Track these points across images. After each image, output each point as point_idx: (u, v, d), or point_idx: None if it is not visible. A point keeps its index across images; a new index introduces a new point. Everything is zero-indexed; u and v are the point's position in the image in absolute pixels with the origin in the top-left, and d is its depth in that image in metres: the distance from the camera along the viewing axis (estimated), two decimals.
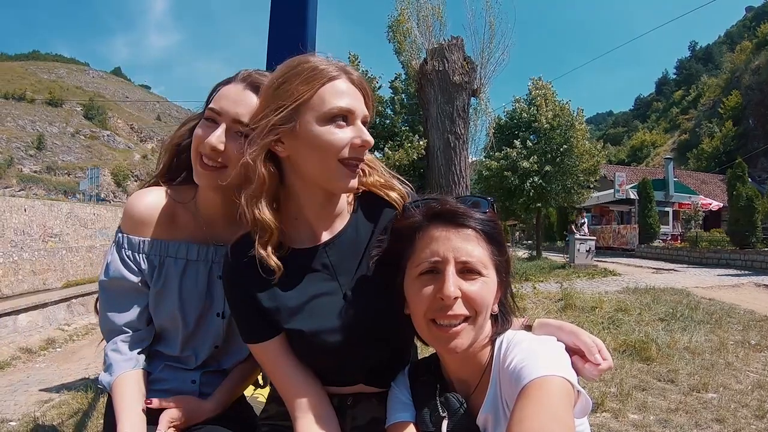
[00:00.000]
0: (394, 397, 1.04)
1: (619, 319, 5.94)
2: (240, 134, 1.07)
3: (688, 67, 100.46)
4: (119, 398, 1.10)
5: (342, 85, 0.95)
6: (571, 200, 17.71)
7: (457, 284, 0.88)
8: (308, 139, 0.94)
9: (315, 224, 1.04)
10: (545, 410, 0.74)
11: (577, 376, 0.86)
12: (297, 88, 0.93)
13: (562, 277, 11.27)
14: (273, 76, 0.99)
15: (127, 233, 1.18)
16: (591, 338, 0.94)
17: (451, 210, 0.93)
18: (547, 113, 15.97)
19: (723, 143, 53.93)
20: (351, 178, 0.97)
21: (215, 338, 1.24)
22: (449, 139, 5.48)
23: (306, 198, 1.01)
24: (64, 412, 3.79)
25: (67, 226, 16.77)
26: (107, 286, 1.18)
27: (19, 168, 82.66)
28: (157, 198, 1.19)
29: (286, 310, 1.01)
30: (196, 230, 1.22)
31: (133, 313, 1.17)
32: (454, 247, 0.90)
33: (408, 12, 6.34)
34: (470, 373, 0.96)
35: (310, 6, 2.22)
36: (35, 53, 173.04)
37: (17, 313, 7.72)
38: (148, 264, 1.18)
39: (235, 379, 1.27)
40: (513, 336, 0.95)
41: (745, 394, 3.63)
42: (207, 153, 1.09)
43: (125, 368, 1.13)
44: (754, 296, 8.47)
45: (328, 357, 1.03)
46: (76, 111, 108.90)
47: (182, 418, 1.14)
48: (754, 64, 57.67)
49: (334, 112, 0.93)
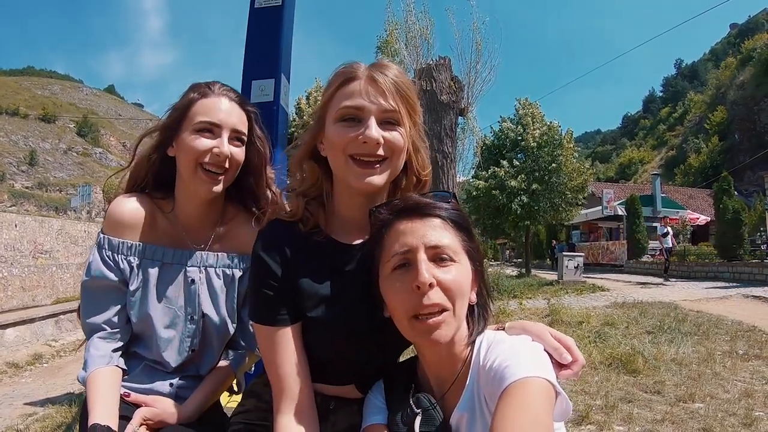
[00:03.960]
0: (369, 401, 1.06)
1: (606, 332, 5.97)
2: (239, 142, 1.23)
3: (675, 85, 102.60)
4: (92, 392, 1.12)
5: (354, 86, 0.99)
6: (560, 218, 17.87)
7: (430, 271, 0.88)
8: (327, 137, 1.02)
9: (351, 222, 1.07)
10: (528, 412, 0.75)
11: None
12: (324, 93, 1.05)
13: (550, 293, 11.30)
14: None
15: (108, 235, 1.23)
16: (558, 338, 0.94)
17: (416, 203, 0.95)
18: (534, 132, 16.22)
19: (709, 158, 54.77)
20: (364, 176, 0.99)
21: (191, 342, 1.26)
22: (437, 158, 5.53)
23: (341, 196, 1.07)
24: (47, 425, 3.75)
25: (58, 242, 16.61)
26: (88, 285, 1.22)
27: (10, 183, 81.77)
28: (137, 203, 1.25)
29: (317, 297, 1.02)
30: (174, 235, 1.28)
31: (111, 312, 1.21)
32: (422, 235, 0.91)
33: (396, 33, 6.53)
34: (449, 371, 0.95)
35: (285, 20, 2.33)
36: (30, 69, 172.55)
37: (4, 328, 7.59)
38: (127, 264, 1.22)
39: (210, 385, 1.29)
40: (494, 336, 0.95)
41: (733, 403, 3.63)
42: (215, 161, 1.19)
43: (100, 364, 1.15)
44: (742, 307, 8.54)
45: (340, 351, 1.04)
46: (69, 128, 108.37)
47: (156, 417, 1.15)
48: (738, 79, 58.86)
49: (343, 111, 0.99)
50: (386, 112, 0.98)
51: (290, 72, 2.36)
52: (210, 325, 1.28)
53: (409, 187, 1.10)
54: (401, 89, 1.00)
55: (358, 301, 1.02)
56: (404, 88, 1.01)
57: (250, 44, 2.30)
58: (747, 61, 59.40)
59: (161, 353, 1.24)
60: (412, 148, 1.06)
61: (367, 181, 0.98)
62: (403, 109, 1.00)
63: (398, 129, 1.00)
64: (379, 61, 1.05)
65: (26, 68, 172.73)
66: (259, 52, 2.28)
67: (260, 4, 2.28)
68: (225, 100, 1.23)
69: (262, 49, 2.27)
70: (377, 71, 1.00)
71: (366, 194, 1.03)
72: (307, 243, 1.04)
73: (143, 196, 1.27)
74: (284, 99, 2.27)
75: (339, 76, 1.02)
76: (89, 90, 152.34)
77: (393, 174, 1.03)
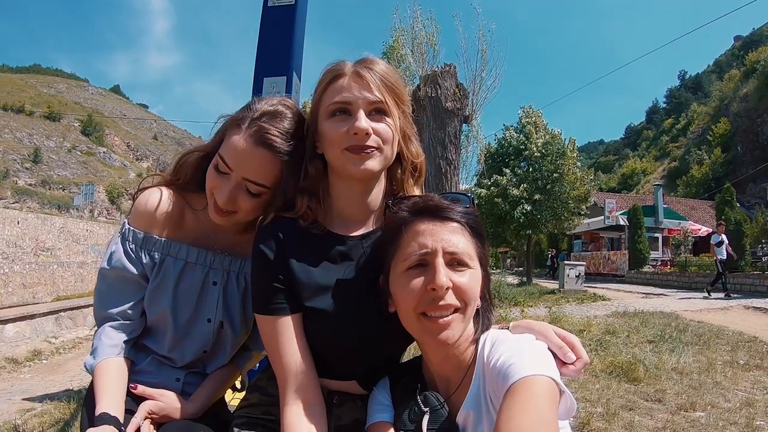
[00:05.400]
0: (374, 398, 1.06)
1: (607, 341, 5.95)
2: (252, 193, 1.13)
3: (678, 96, 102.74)
4: (101, 381, 1.11)
5: (342, 82, 1.03)
6: (562, 227, 17.85)
7: (447, 275, 0.89)
8: (321, 134, 1.05)
9: (349, 215, 1.11)
10: (533, 410, 0.75)
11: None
12: (314, 93, 1.08)
13: (551, 302, 11.28)
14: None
15: (134, 227, 1.21)
16: (562, 336, 0.95)
17: (436, 204, 0.97)
18: (537, 141, 16.24)
19: (712, 170, 54.77)
20: (360, 161, 1.01)
21: (204, 343, 1.25)
22: (441, 164, 5.53)
23: (339, 189, 1.10)
24: (45, 421, 3.73)
25: (60, 240, 16.63)
26: (107, 274, 1.20)
27: (14, 180, 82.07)
28: (167, 198, 1.22)
29: (314, 286, 1.04)
30: (200, 234, 1.26)
31: (127, 304, 1.20)
32: (441, 239, 0.92)
33: (403, 39, 6.54)
34: (453, 370, 0.96)
35: (297, 18, 2.34)
36: (36, 66, 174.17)
37: (4, 323, 7.60)
38: (149, 259, 1.21)
39: (215, 383, 1.28)
40: (498, 334, 0.95)
41: (734, 412, 3.61)
42: (220, 204, 1.14)
43: (110, 354, 1.15)
44: (743, 318, 8.52)
45: (340, 343, 1.05)
46: (74, 126, 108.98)
47: (161, 412, 1.14)
48: (742, 91, 58.94)
49: (333, 107, 1.03)
50: (373, 103, 1.02)
51: (302, 70, 2.37)
52: (226, 328, 1.27)
53: (406, 174, 1.14)
54: (386, 81, 1.04)
55: (357, 292, 1.04)
56: (389, 79, 1.05)
57: (262, 42, 2.31)
58: (750, 74, 59.49)
59: (173, 350, 1.24)
60: (402, 136, 1.10)
61: (363, 166, 1.01)
62: (390, 99, 1.03)
63: (386, 119, 1.03)
64: (364, 57, 1.08)
65: (32, 66, 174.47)
66: (271, 49, 2.29)
67: (273, 3, 2.29)
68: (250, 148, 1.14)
69: (275, 46, 2.29)
70: (362, 66, 1.04)
71: (364, 180, 1.06)
72: (306, 235, 1.07)
73: (173, 191, 1.24)
74: (296, 97, 2.27)
75: (327, 74, 1.06)
76: (95, 89, 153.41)
77: (387, 161, 1.06)
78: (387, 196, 1.13)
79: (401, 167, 1.13)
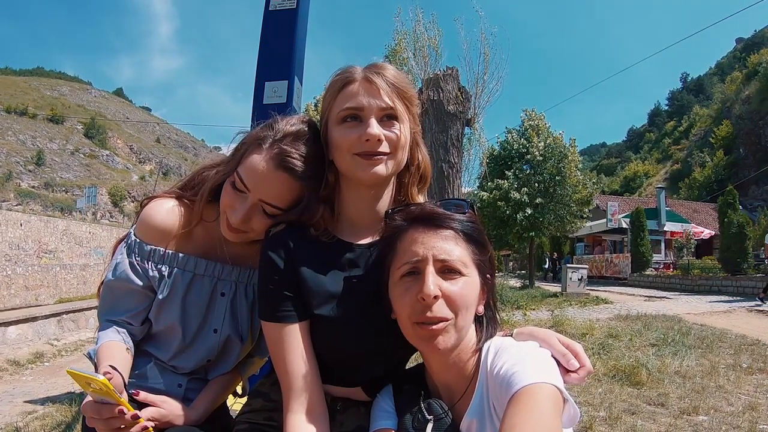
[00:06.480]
0: (377, 405, 1.05)
1: (610, 344, 5.94)
2: (268, 214, 1.11)
3: (680, 99, 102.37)
4: (103, 355, 1.09)
5: (352, 88, 1.03)
6: (564, 230, 17.80)
7: (436, 284, 0.89)
8: (332, 140, 1.05)
9: (358, 223, 1.11)
10: (536, 419, 0.74)
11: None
12: (324, 100, 1.08)
13: (554, 305, 11.28)
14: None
15: (140, 238, 1.19)
16: (566, 343, 0.94)
17: (430, 212, 0.96)
18: (539, 144, 16.24)
19: (714, 172, 54.52)
20: (370, 167, 1.01)
21: (209, 352, 1.25)
22: (443, 167, 5.54)
23: (348, 196, 1.10)
24: (47, 423, 3.75)
25: (62, 243, 16.68)
26: (112, 285, 1.19)
27: (17, 182, 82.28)
28: (176, 209, 1.20)
29: (324, 294, 1.04)
30: (209, 246, 1.24)
31: (131, 313, 1.19)
32: (432, 247, 0.92)
33: (405, 42, 6.56)
34: (456, 378, 0.96)
35: (299, 22, 2.34)
36: (39, 69, 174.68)
37: (6, 325, 7.62)
38: (157, 273, 1.19)
39: (217, 389, 1.28)
40: (501, 342, 0.95)
41: (737, 416, 3.61)
42: (234, 224, 1.11)
43: (114, 338, 1.14)
44: (746, 321, 8.49)
45: (347, 351, 1.05)
46: (77, 129, 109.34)
47: (164, 418, 1.13)
48: (744, 94, 58.74)
49: (344, 113, 1.03)
50: (384, 109, 1.02)
51: (303, 75, 2.37)
52: (232, 339, 1.26)
53: (412, 180, 1.13)
54: (397, 86, 1.04)
55: (364, 300, 1.04)
56: (400, 85, 1.05)
57: (263, 46, 2.32)
58: (752, 76, 59.33)
59: (177, 358, 1.23)
60: (414, 142, 1.10)
61: (373, 171, 1.01)
62: (401, 105, 1.03)
63: (398, 125, 1.03)
64: (374, 63, 1.08)
65: (36, 68, 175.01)
66: (272, 53, 2.29)
67: (275, 7, 2.30)
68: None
69: (276, 51, 2.29)
70: (372, 72, 1.03)
71: (373, 186, 1.06)
72: (315, 243, 1.07)
73: (182, 201, 1.21)
74: (297, 101, 2.27)
75: (337, 80, 1.06)
76: (98, 92, 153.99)
77: (397, 167, 1.06)
78: (393, 204, 1.13)
79: (409, 173, 1.13)
